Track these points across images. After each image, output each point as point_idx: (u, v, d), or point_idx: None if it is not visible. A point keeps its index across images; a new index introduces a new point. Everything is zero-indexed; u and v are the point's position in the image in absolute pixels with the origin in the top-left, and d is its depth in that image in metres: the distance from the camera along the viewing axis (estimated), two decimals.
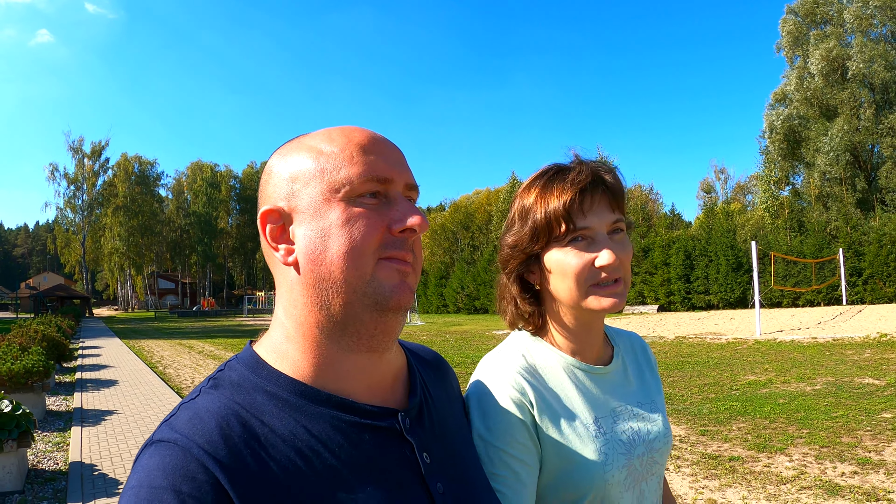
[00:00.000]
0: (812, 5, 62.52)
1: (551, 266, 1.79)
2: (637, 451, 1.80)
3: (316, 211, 1.25)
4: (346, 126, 1.34)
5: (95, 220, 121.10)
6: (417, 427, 1.36)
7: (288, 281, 1.28)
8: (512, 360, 1.81)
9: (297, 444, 1.17)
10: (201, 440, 1.09)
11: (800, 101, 61.92)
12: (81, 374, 21.89)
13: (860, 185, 58.22)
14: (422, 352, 1.66)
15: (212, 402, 1.18)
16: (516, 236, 1.84)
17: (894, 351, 19.41)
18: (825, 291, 44.19)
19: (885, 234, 43.11)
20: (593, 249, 1.73)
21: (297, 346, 1.27)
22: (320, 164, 1.26)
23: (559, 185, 1.75)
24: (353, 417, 1.24)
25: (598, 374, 1.87)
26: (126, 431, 12.32)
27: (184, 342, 38.59)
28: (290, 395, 1.22)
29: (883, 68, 55.88)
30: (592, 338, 1.90)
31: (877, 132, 57.14)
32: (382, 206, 1.26)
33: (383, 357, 1.33)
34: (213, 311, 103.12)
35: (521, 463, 1.64)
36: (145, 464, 1.08)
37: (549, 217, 1.74)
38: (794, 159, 63.36)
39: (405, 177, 1.30)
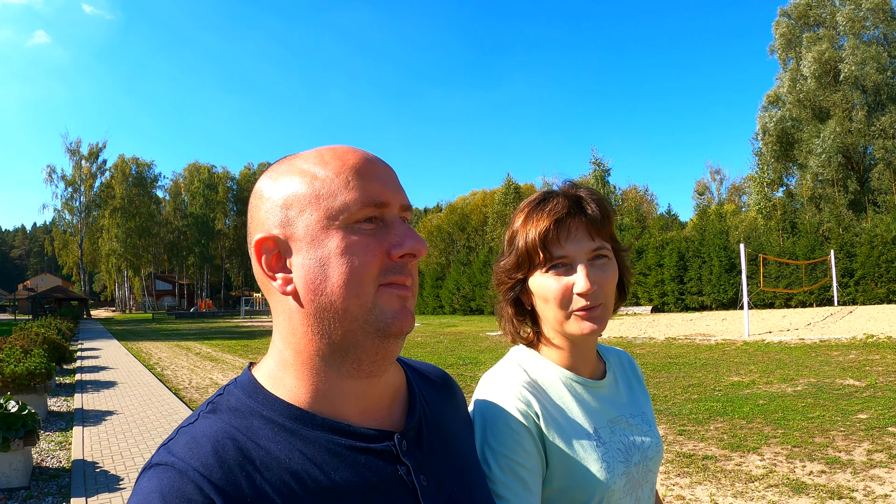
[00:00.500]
0: (805, 8, 63.03)
1: (535, 290, 1.87)
2: (634, 460, 1.86)
3: (313, 239, 1.24)
4: (337, 146, 1.34)
5: (93, 222, 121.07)
6: (415, 449, 1.36)
7: (286, 309, 1.28)
8: (514, 375, 1.86)
9: (292, 467, 1.19)
10: (197, 463, 1.12)
11: (792, 103, 62.42)
12: (81, 375, 22.22)
13: (852, 186, 58.64)
14: (426, 370, 1.67)
15: (209, 427, 1.20)
16: (505, 262, 1.92)
17: (879, 352, 19.60)
18: (817, 292, 44.42)
19: (876, 235, 43.34)
20: (571, 275, 1.80)
21: (295, 373, 1.28)
22: (315, 189, 1.25)
23: (538, 215, 1.82)
24: (348, 441, 1.26)
25: (594, 388, 1.94)
26: (126, 431, 12.72)
27: (181, 344, 38.87)
28: (285, 420, 1.24)
29: (875, 70, 56.30)
30: (585, 355, 1.95)
31: (869, 134, 57.52)
32: (380, 230, 1.26)
33: (381, 380, 1.35)
34: (210, 312, 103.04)
35: (528, 470, 1.68)
36: (144, 486, 1.12)
37: (528, 246, 1.82)
38: (787, 161, 63.74)
39: (399, 198, 1.30)
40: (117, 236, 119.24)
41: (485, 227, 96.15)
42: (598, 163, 75.05)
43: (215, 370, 24.17)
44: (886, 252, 42.34)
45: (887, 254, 42.30)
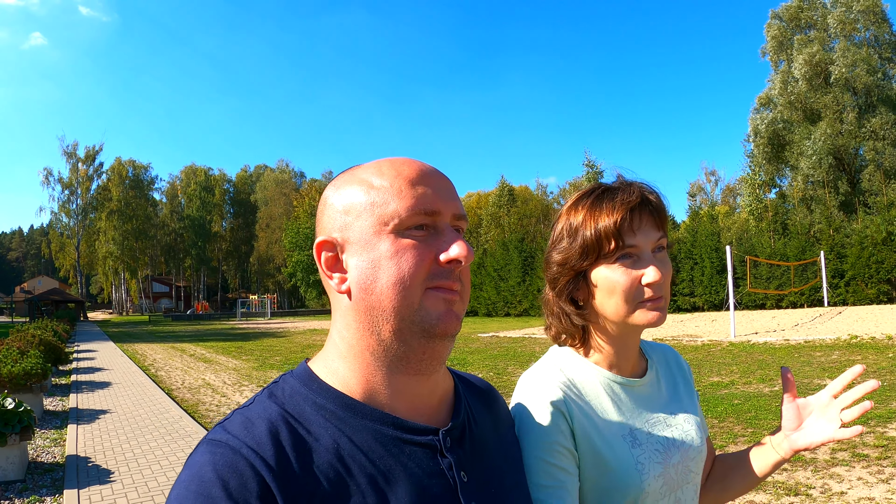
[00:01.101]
0: (797, 10, 63.45)
1: (599, 282, 1.84)
2: (672, 460, 1.85)
3: (367, 242, 1.31)
4: (396, 158, 1.40)
5: (90, 225, 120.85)
6: (457, 447, 1.40)
7: (342, 306, 1.36)
8: (550, 376, 1.87)
9: (339, 452, 1.24)
10: (251, 442, 1.18)
11: (784, 105, 62.76)
12: (77, 376, 22.60)
13: (843, 187, 58.79)
14: (473, 379, 1.72)
15: (264, 410, 1.26)
16: (565, 253, 1.88)
17: (861, 353, 19.84)
18: (808, 293, 44.72)
19: (867, 236, 43.78)
20: (639, 267, 1.79)
21: (348, 365, 1.34)
22: (371, 197, 1.32)
23: (608, 204, 1.80)
24: (395, 432, 1.31)
25: (633, 387, 1.93)
26: (119, 429, 13.13)
27: (176, 345, 39.18)
28: (336, 408, 1.29)
29: (865, 72, 56.69)
30: (630, 351, 1.95)
31: (859, 135, 57.87)
32: (430, 237, 1.31)
33: (430, 379, 1.39)
34: (206, 314, 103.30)
35: (564, 471, 1.69)
36: (197, 460, 1.17)
37: (600, 234, 1.79)
38: (778, 162, 64.05)
39: (452, 208, 1.35)
40: (114, 239, 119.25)
41: (479, 230, 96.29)
42: (591, 165, 74.68)
43: (208, 371, 24.53)
44: (877, 253, 42.79)
45: (877, 255, 42.76)
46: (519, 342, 31.58)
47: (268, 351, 33.12)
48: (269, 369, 24.41)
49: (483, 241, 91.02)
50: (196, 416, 14.79)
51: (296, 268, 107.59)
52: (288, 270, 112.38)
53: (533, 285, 61.94)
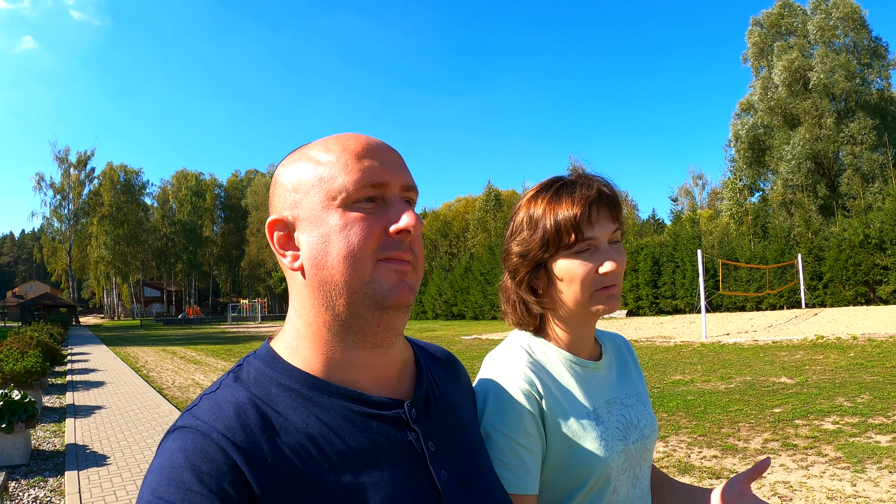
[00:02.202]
0: (777, 17, 64.06)
1: (560, 273, 1.87)
2: (631, 438, 1.91)
3: (316, 218, 1.31)
4: (342, 134, 1.40)
5: (81, 229, 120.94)
6: (423, 417, 1.41)
7: (297, 284, 1.35)
8: (517, 356, 1.90)
9: (309, 432, 1.24)
10: (220, 426, 1.17)
11: (764, 111, 63.48)
12: (72, 377, 23.44)
13: (822, 191, 59.59)
14: (432, 349, 1.72)
15: (231, 394, 1.26)
16: (525, 245, 1.91)
17: (824, 352, 20.27)
18: (786, 295, 45.34)
19: (844, 239, 44.25)
20: (596, 258, 1.82)
21: (308, 343, 1.34)
22: (318, 173, 1.31)
23: (567, 198, 1.83)
24: (361, 408, 1.31)
25: (592, 369, 1.97)
26: (113, 421, 14.11)
27: (167, 348, 39.83)
28: (302, 388, 1.29)
29: (844, 78, 57.36)
30: (586, 337, 2.00)
31: (838, 140, 58.58)
32: (379, 209, 1.31)
33: (389, 352, 1.39)
34: (197, 318, 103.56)
35: (528, 451, 1.73)
36: (168, 447, 1.16)
37: (560, 226, 1.82)
38: (759, 167, 64.69)
39: (401, 179, 1.35)
40: (105, 243, 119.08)
41: (466, 234, 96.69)
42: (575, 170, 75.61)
43: (198, 372, 25.35)
44: (854, 255, 43.24)
45: (855, 257, 43.20)
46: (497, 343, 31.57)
47: None
48: None
49: (470, 245, 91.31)
50: None
51: None
52: (278, 275, 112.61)
53: None
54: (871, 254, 43.06)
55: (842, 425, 10.92)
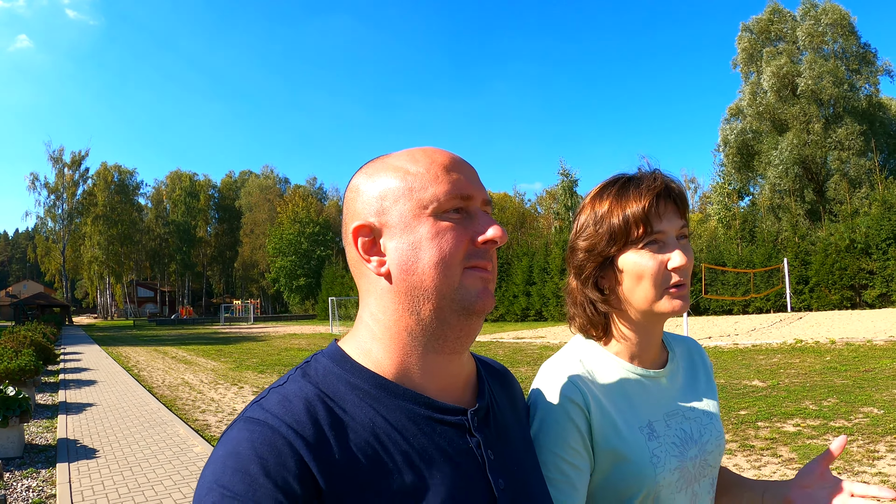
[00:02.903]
0: (767, 23, 64.20)
1: (627, 268, 1.83)
2: (689, 454, 1.83)
3: (406, 226, 1.32)
4: (426, 147, 1.42)
5: (75, 229, 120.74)
6: (484, 426, 1.41)
7: (378, 289, 1.36)
8: (570, 367, 1.86)
9: (375, 431, 1.25)
10: (290, 420, 1.18)
11: (753, 116, 63.55)
12: (64, 375, 23.93)
13: (809, 196, 60.00)
14: (490, 362, 1.72)
15: (300, 388, 1.27)
16: (592, 239, 1.87)
17: (801, 356, 20.46)
18: (773, 299, 45.56)
19: (830, 243, 44.36)
20: (666, 252, 1.79)
21: (383, 346, 1.35)
22: (408, 183, 1.34)
23: (635, 191, 1.81)
24: (427, 411, 1.32)
25: (653, 378, 1.92)
26: (104, 418, 14.63)
27: (159, 349, 40.28)
28: (370, 388, 1.30)
29: (831, 84, 57.41)
30: (652, 342, 1.94)
31: (825, 145, 58.80)
32: (465, 220, 1.34)
33: (459, 360, 1.41)
34: (190, 319, 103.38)
35: (574, 468, 1.69)
36: (234, 436, 1.17)
37: (628, 220, 1.79)
38: (748, 171, 65.04)
39: (482, 193, 1.38)
40: (99, 243, 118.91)
41: None
42: (566, 173, 75.60)
43: (187, 371, 25.80)
44: (840, 260, 43.37)
45: (841, 261, 43.31)
46: (486, 346, 32.22)
47: (246, 354, 34.17)
48: (244, 370, 25.52)
49: None
50: (173, 409, 16.18)
51: (279, 273, 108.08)
52: (271, 276, 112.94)
53: (509, 291, 62.55)
54: (856, 258, 43.11)
55: (802, 427, 11.20)
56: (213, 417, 15.00)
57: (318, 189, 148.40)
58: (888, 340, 22.08)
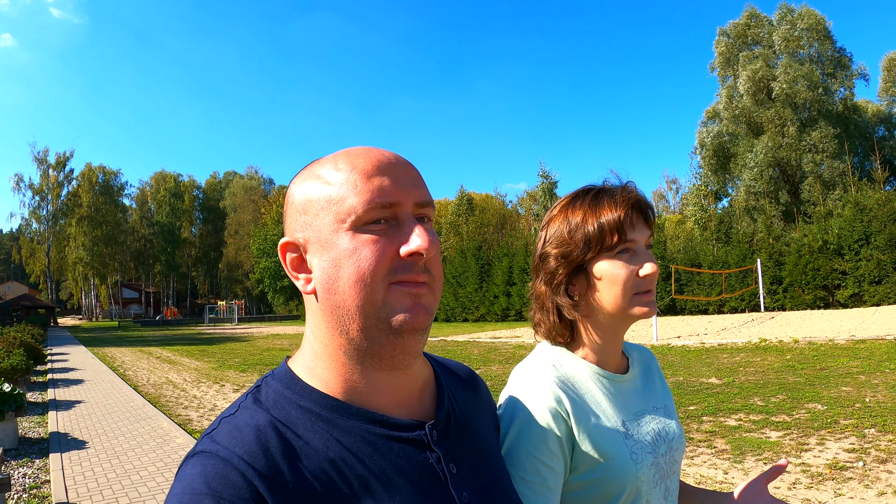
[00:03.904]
0: (744, 28, 65.02)
1: (601, 275, 1.86)
2: (661, 451, 1.89)
3: (326, 241, 1.27)
4: (353, 149, 1.35)
5: (60, 230, 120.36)
6: (444, 439, 1.38)
7: (311, 306, 1.33)
8: (545, 372, 1.87)
9: (330, 456, 1.21)
10: (241, 451, 1.15)
11: (729, 119, 64.48)
12: (52, 375, 24.59)
13: (783, 198, 60.88)
14: (454, 367, 1.70)
15: (250, 417, 1.23)
16: (565, 247, 1.89)
17: (762, 355, 20.89)
18: (748, 299, 46.33)
19: (804, 244, 45.10)
20: (636, 261, 1.84)
21: (325, 365, 1.31)
22: (327, 193, 1.27)
23: (609, 201, 1.86)
24: (382, 430, 1.29)
25: (620, 382, 1.96)
26: (92, 414, 15.47)
27: (144, 349, 40.83)
28: (322, 410, 1.27)
29: (806, 88, 58.33)
30: (617, 347, 1.98)
31: (800, 148, 59.61)
32: (392, 229, 1.26)
33: (408, 373, 1.36)
34: (175, 320, 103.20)
35: (550, 470, 1.71)
36: (188, 472, 1.14)
37: (603, 228, 1.83)
38: (724, 173, 65.85)
39: (414, 196, 1.29)
40: (84, 244, 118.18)
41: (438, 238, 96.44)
42: (545, 175, 76.44)
43: (171, 371, 26.46)
44: (813, 261, 44.03)
45: (814, 262, 43.98)
46: (462, 345, 32.74)
47: (228, 354, 34.77)
48: (227, 369, 26.21)
49: (442, 248, 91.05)
50: (157, 405, 16.97)
51: (263, 274, 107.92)
52: (255, 277, 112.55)
53: (489, 292, 62.73)
54: (829, 259, 43.75)
55: (744, 422, 11.64)
56: (195, 413, 15.70)
57: None
58: (849, 340, 22.53)
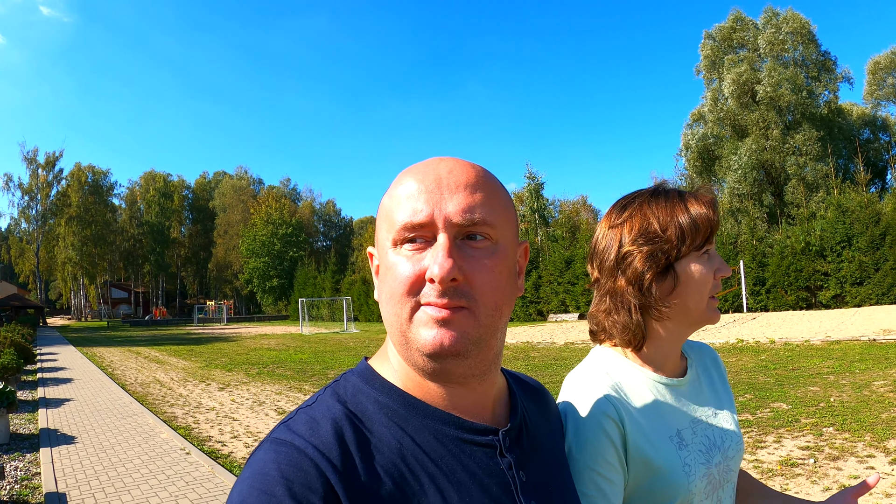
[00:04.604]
0: (729, 31, 65.76)
1: (689, 275, 1.79)
2: (714, 460, 1.83)
3: (380, 255, 1.29)
4: (423, 162, 1.32)
5: (49, 230, 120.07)
6: (515, 446, 1.36)
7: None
8: (598, 380, 1.82)
9: (402, 452, 1.21)
10: (317, 441, 1.15)
11: (713, 122, 65.34)
12: (42, 374, 25.11)
13: (767, 200, 61.90)
14: (525, 379, 1.67)
15: (328, 409, 1.24)
16: (655, 244, 1.80)
17: (737, 355, 21.22)
18: (731, 299, 46.89)
19: (787, 245, 45.77)
20: (713, 263, 1.80)
21: (403, 367, 1.30)
22: (387, 207, 1.28)
23: (693, 199, 1.81)
24: (456, 431, 1.27)
25: (677, 387, 1.90)
26: (80, 411, 15.94)
27: (132, 349, 41.26)
28: (398, 406, 1.26)
29: (790, 91, 59.04)
30: (678, 351, 1.94)
31: (783, 151, 60.35)
32: (430, 248, 1.22)
33: (474, 386, 1.32)
34: (164, 320, 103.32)
35: (609, 482, 1.66)
36: (261, 457, 1.14)
37: (696, 224, 1.76)
38: (709, 175, 66.23)
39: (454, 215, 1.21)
40: (73, 244, 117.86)
41: None
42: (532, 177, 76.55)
43: (159, 370, 26.91)
44: (796, 262, 44.76)
45: (796, 263, 44.71)
46: None
47: (216, 353, 35.24)
48: (213, 369, 26.63)
49: None
50: (144, 403, 17.43)
51: (252, 274, 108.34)
52: (245, 277, 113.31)
53: None
54: (812, 260, 44.43)
55: None
56: (181, 410, 16.16)
57: (291, 190, 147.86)
58: (825, 341, 22.93)
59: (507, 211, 1.31)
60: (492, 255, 1.25)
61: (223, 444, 12.28)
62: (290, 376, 22.74)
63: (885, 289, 41.44)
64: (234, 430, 13.44)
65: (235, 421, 14.53)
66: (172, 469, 10.31)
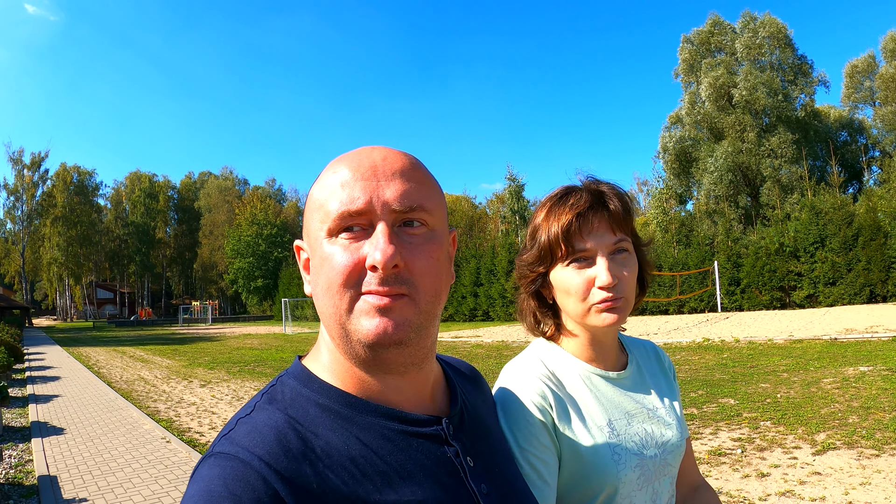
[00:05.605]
0: (707, 35, 66.66)
1: (557, 284, 1.86)
2: (649, 453, 1.85)
3: (312, 248, 1.27)
4: (355, 151, 1.30)
5: (34, 231, 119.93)
6: (460, 433, 1.37)
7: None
8: (533, 367, 1.88)
9: (351, 454, 1.19)
10: (262, 452, 1.11)
11: (691, 124, 66.16)
12: (30, 372, 25.79)
13: (743, 202, 62.60)
14: (458, 364, 1.68)
15: (269, 417, 1.20)
16: (528, 256, 1.90)
17: (702, 353, 21.80)
18: (706, 299, 47.74)
19: (761, 246, 46.57)
20: (592, 271, 1.79)
21: (339, 364, 1.28)
22: (318, 197, 1.25)
23: (560, 209, 1.82)
24: (400, 426, 1.27)
25: (613, 380, 1.93)
26: (68, 405, 16.77)
27: (118, 349, 41.90)
28: (340, 407, 1.24)
29: (765, 95, 59.95)
30: (606, 347, 1.95)
31: (759, 153, 61.29)
32: (367, 237, 1.21)
33: (412, 375, 1.32)
34: (149, 320, 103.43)
35: (544, 463, 1.70)
36: (205, 474, 1.09)
37: (551, 239, 1.81)
38: (686, 177, 67.33)
39: (392, 202, 1.21)
40: (59, 245, 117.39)
41: None
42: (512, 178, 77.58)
43: (144, 369, 27.66)
44: (770, 262, 45.55)
45: (770, 264, 45.49)
46: None
47: (199, 353, 35.87)
48: (196, 367, 27.32)
49: None
50: (129, 398, 18.23)
51: (237, 274, 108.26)
52: (230, 277, 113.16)
53: (457, 293, 63.36)
54: (785, 261, 45.20)
55: None
56: (163, 405, 16.95)
57: (276, 190, 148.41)
58: (787, 340, 23.59)
59: (440, 198, 1.34)
60: (429, 241, 1.26)
61: (201, 434, 13.05)
62: (270, 374, 23.25)
63: (857, 289, 42.19)
64: (213, 423, 14.19)
65: (214, 414, 15.28)
66: (154, 455, 11.11)
